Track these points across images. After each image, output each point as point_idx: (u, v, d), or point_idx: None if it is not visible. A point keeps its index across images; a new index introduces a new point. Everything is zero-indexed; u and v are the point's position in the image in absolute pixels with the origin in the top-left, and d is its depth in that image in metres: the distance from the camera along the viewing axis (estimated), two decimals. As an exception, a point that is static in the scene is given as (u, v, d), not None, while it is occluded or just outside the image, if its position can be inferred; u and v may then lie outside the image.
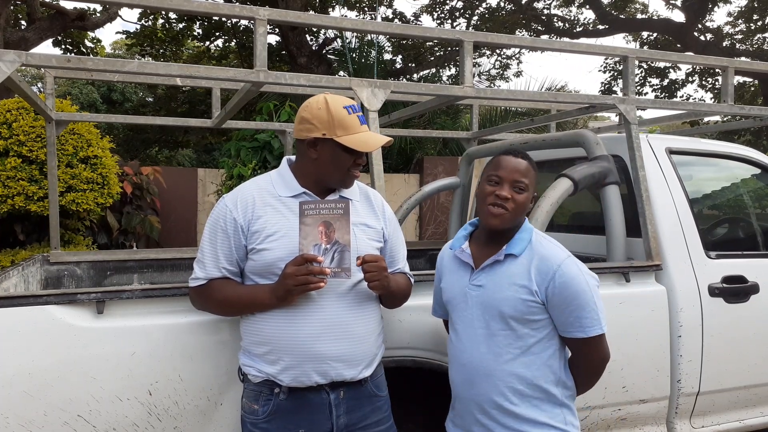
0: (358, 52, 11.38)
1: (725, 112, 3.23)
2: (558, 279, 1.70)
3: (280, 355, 1.70)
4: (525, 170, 1.77)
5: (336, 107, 1.73)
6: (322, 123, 1.72)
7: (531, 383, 1.74)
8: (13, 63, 1.99)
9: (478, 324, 1.78)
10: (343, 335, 1.72)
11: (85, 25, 10.18)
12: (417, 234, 9.41)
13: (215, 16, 10.67)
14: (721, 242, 3.13)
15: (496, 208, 1.75)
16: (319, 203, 1.68)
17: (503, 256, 1.77)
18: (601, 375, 1.85)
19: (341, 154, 1.74)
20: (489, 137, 4.55)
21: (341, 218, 1.66)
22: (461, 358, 1.82)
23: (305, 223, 1.66)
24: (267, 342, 1.72)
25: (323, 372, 1.70)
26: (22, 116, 5.75)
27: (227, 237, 1.74)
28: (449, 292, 1.89)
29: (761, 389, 2.88)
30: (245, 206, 1.75)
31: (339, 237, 1.66)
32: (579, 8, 14.83)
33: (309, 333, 1.69)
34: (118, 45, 21.36)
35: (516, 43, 3.10)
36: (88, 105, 15.51)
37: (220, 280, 1.76)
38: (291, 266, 1.63)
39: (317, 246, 1.65)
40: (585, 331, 1.72)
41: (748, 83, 14.76)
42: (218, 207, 1.79)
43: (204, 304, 1.83)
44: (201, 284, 1.78)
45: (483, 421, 1.77)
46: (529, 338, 1.74)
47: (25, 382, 1.79)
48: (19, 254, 5.62)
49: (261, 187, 1.80)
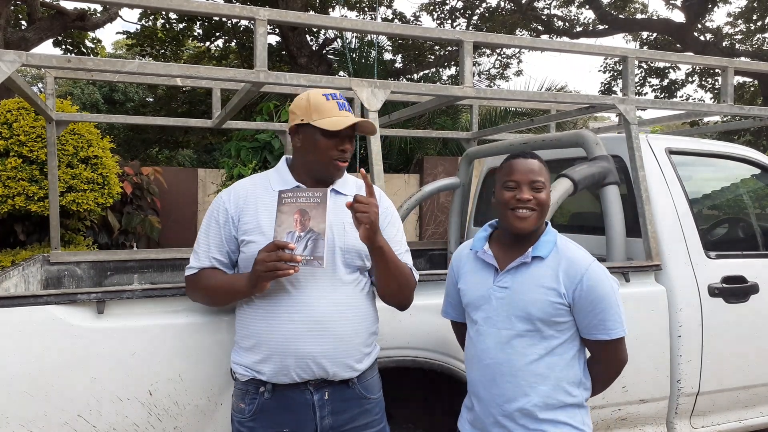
0: (358, 52, 11.38)
1: (725, 112, 3.23)
2: (586, 282, 1.71)
3: (263, 349, 1.72)
4: (539, 169, 1.78)
5: (315, 95, 1.78)
6: (300, 110, 1.77)
7: (555, 384, 1.74)
8: (13, 63, 1.99)
9: (502, 325, 1.78)
10: (325, 333, 1.71)
11: (85, 26, 10.18)
12: (417, 234, 9.41)
13: (215, 17, 10.66)
14: (720, 242, 3.13)
15: (521, 211, 1.75)
16: (297, 191, 1.69)
17: (530, 258, 1.77)
18: (618, 377, 1.86)
19: (320, 139, 1.75)
20: (489, 137, 4.56)
21: (318, 206, 1.65)
22: (484, 359, 1.80)
23: (281, 210, 1.67)
24: (252, 335, 1.75)
25: (304, 367, 1.70)
26: (23, 116, 5.75)
27: (218, 227, 1.79)
28: (471, 294, 1.87)
29: (761, 389, 2.88)
30: (237, 198, 1.80)
31: (314, 225, 1.65)
32: (579, 8, 14.83)
33: (291, 330, 1.70)
34: (119, 45, 21.37)
35: (516, 43, 3.10)
36: (90, 105, 15.54)
37: (209, 269, 1.80)
38: (262, 252, 1.64)
39: (291, 233, 1.65)
40: (609, 333, 1.74)
41: (748, 83, 14.76)
42: (216, 200, 1.85)
43: (194, 293, 1.86)
44: (193, 273, 1.82)
45: (503, 422, 1.76)
46: (554, 339, 1.75)
47: (25, 382, 1.79)
48: (20, 254, 5.62)
49: (256, 183, 1.85)
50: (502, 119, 10.34)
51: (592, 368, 1.84)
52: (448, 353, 2.23)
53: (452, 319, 2.08)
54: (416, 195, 4.00)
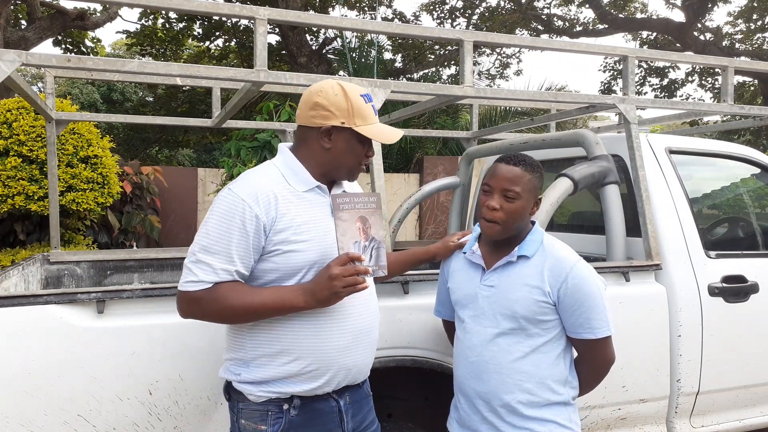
0: (358, 51, 11.39)
1: (725, 111, 3.23)
2: (571, 281, 1.72)
3: (306, 365, 1.57)
4: (515, 177, 1.74)
5: (354, 95, 1.61)
6: (340, 110, 1.58)
7: (539, 381, 1.76)
8: (13, 62, 1.98)
9: (488, 323, 1.80)
10: (369, 343, 1.68)
11: (85, 25, 10.18)
12: (417, 233, 9.41)
13: (215, 16, 10.66)
14: (720, 242, 3.13)
15: (484, 221, 1.77)
16: (353, 197, 1.57)
17: (516, 257, 1.78)
18: (605, 376, 1.87)
19: (356, 145, 1.63)
20: (489, 137, 4.55)
21: (375, 212, 1.57)
22: (470, 356, 1.83)
23: (342, 218, 1.53)
24: (291, 351, 1.57)
25: (347, 377, 1.64)
26: (23, 116, 5.75)
27: (245, 236, 1.52)
28: (459, 292, 1.90)
29: (761, 389, 2.88)
30: (267, 203, 1.55)
31: (375, 233, 1.57)
32: (579, 7, 14.83)
33: (342, 343, 1.60)
34: (118, 45, 21.35)
35: (516, 42, 3.09)
36: (89, 105, 15.53)
37: (229, 284, 1.53)
38: (337, 266, 1.50)
39: (357, 243, 1.54)
40: (594, 332, 1.75)
41: (748, 83, 14.76)
42: (230, 200, 1.54)
43: (203, 311, 1.56)
44: (204, 288, 1.52)
45: (490, 419, 1.78)
46: (539, 338, 1.76)
47: (25, 382, 1.79)
48: (20, 254, 5.62)
49: (276, 182, 1.60)
50: (502, 119, 10.34)
51: (579, 367, 1.85)
52: (448, 353, 2.22)
53: (443, 318, 2.10)
54: (416, 194, 4.00)
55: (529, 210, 1.78)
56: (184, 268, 1.55)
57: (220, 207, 1.55)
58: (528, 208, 1.77)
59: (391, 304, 2.19)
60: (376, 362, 2.10)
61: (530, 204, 1.78)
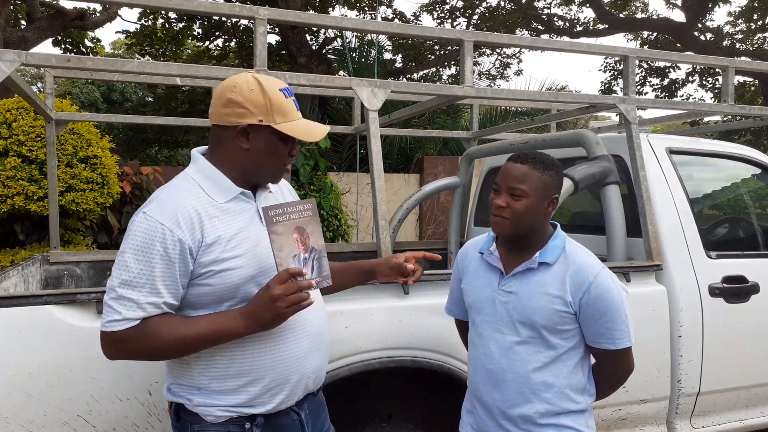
0: (358, 51, 11.38)
1: (725, 111, 3.23)
2: (593, 290, 1.67)
3: (263, 383, 1.48)
4: (521, 175, 1.70)
5: (272, 89, 1.47)
6: (257, 107, 1.45)
7: (559, 391, 1.72)
8: (12, 62, 1.98)
9: (507, 330, 1.75)
10: (324, 346, 1.63)
11: (84, 25, 10.17)
12: (417, 234, 9.41)
13: (215, 16, 10.66)
14: (721, 242, 3.13)
15: (494, 217, 1.74)
16: (286, 207, 1.44)
17: (537, 263, 1.72)
18: (623, 384, 1.84)
19: (277, 144, 1.49)
20: (489, 137, 4.55)
21: (311, 221, 1.47)
22: (487, 364, 1.78)
23: (276, 232, 1.41)
24: (246, 372, 1.47)
25: (303, 387, 1.57)
26: (22, 116, 5.74)
27: (170, 263, 1.39)
28: (474, 295, 1.84)
29: (761, 389, 2.88)
30: (191, 223, 1.41)
31: (314, 242, 1.47)
32: (579, 7, 14.83)
33: (296, 353, 1.52)
34: (118, 45, 21.36)
35: (516, 42, 3.09)
36: (89, 104, 15.54)
37: (158, 317, 1.40)
38: (278, 286, 1.38)
39: (296, 256, 1.44)
40: (615, 343, 1.70)
41: (748, 83, 14.75)
42: (147, 225, 1.39)
43: (132, 350, 1.43)
44: (130, 326, 1.38)
45: (506, 426, 1.75)
46: (559, 347, 1.72)
47: (25, 382, 1.79)
48: (19, 254, 5.61)
49: (196, 196, 1.46)
50: (502, 119, 10.34)
51: (597, 375, 1.81)
52: (448, 353, 2.22)
53: (456, 317, 2.05)
54: (416, 195, 4.00)
55: (543, 209, 1.72)
56: (104, 306, 1.40)
57: (137, 234, 1.39)
58: (540, 206, 1.71)
59: (391, 304, 2.18)
60: (377, 362, 2.10)
61: (542, 202, 1.71)
